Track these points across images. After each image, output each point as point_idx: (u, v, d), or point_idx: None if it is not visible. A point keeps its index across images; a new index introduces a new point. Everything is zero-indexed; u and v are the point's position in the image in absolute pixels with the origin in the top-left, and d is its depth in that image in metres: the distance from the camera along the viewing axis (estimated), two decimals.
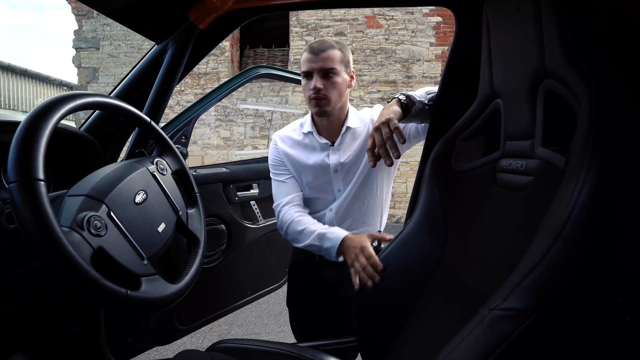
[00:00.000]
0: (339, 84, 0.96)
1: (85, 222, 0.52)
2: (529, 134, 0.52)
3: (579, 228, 0.29)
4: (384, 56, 5.39)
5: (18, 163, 0.46)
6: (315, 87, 0.94)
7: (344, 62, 0.98)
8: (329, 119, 1.00)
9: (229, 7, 0.82)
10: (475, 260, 0.59)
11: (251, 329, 2.20)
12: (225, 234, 1.35)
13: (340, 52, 0.97)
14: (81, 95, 0.59)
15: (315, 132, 1.04)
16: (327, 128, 1.03)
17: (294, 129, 1.09)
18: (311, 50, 0.95)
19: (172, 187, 0.74)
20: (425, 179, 0.76)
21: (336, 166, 1.02)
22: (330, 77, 0.95)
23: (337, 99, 0.97)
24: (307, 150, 1.05)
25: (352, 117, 1.03)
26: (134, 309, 0.55)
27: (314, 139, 1.03)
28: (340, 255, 0.92)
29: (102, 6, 0.84)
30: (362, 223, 1.06)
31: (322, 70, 0.94)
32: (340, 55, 0.96)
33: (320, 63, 0.94)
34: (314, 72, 0.95)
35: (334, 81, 0.95)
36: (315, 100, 0.95)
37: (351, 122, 1.02)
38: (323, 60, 0.94)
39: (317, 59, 0.94)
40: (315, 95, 0.95)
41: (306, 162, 1.04)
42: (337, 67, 0.95)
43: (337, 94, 0.97)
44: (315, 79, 0.94)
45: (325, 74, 0.95)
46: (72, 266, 0.46)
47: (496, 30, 0.61)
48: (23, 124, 0.49)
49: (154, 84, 0.91)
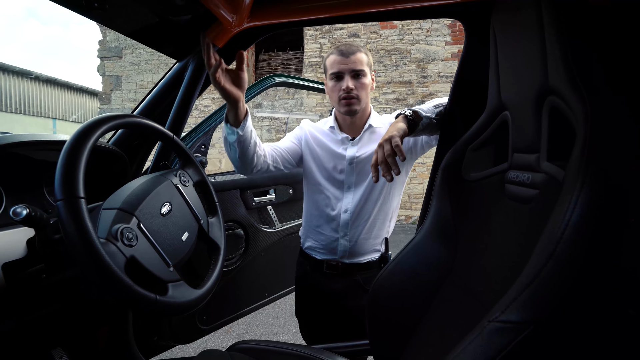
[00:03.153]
0: (366, 84, 1.02)
1: (119, 234, 0.57)
2: (536, 148, 0.53)
3: (571, 248, 0.31)
4: (399, 56, 5.36)
5: (63, 183, 0.51)
6: (347, 87, 0.99)
7: (369, 65, 1.04)
8: (352, 118, 1.06)
9: (244, 26, 0.86)
10: (483, 270, 0.60)
11: (269, 329, 2.25)
12: (243, 238, 1.40)
13: (365, 55, 1.03)
14: (114, 117, 0.64)
15: (337, 128, 1.10)
16: (350, 125, 1.08)
17: (322, 122, 1.16)
18: (341, 53, 1.01)
19: (193, 198, 0.79)
20: (436, 187, 0.78)
21: (352, 158, 1.06)
22: (359, 78, 1.01)
23: (365, 98, 1.04)
24: (328, 138, 1.11)
25: (375, 117, 1.09)
26: (161, 313, 0.59)
27: (337, 133, 1.09)
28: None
29: (124, 28, 0.89)
30: (374, 227, 1.07)
31: (352, 71, 1.00)
32: (366, 59, 1.03)
33: (351, 65, 1.00)
34: (345, 73, 1.00)
35: (362, 82, 1.01)
36: (346, 100, 1.00)
37: (373, 121, 1.07)
38: (353, 62, 1.00)
39: (347, 61, 1.00)
40: (346, 95, 1.00)
41: (326, 145, 1.09)
42: (365, 69, 1.01)
43: (365, 94, 1.03)
44: (346, 79, 1.00)
45: (356, 74, 1.00)
46: (109, 275, 0.51)
47: (503, 44, 0.62)
48: (66, 147, 0.54)
49: (175, 100, 0.96)
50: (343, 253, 1.07)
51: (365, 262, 1.08)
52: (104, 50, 6.59)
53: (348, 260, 1.07)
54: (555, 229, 0.33)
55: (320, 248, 1.11)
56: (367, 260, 1.08)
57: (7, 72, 10.01)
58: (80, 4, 0.72)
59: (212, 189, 0.86)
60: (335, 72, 1.01)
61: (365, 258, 1.08)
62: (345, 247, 1.07)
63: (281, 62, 6.35)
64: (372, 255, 1.08)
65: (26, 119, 10.52)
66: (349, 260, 1.07)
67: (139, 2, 0.76)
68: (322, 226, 1.09)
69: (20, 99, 10.34)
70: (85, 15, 0.78)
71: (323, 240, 1.09)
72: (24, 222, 0.57)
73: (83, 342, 0.97)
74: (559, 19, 0.46)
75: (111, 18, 0.81)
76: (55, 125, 11.37)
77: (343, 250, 1.07)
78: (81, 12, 0.76)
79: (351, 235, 1.06)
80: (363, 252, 1.08)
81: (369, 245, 1.08)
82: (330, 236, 1.08)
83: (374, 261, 1.08)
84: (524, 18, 0.54)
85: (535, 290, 0.32)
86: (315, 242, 1.12)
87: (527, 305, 0.32)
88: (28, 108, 10.53)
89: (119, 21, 0.84)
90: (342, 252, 1.07)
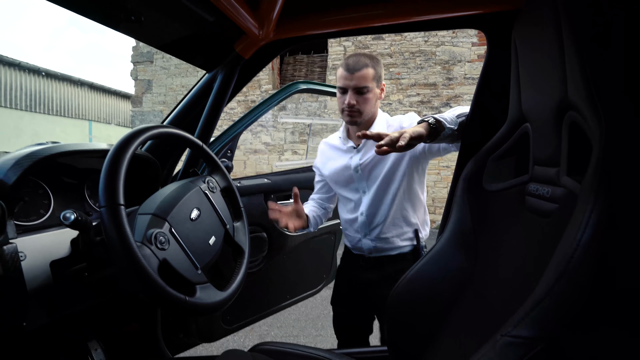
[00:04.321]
0: (369, 99, 1.07)
1: (153, 238, 0.62)
2: (556, 161, 0.53)
3: (581, 267, 0.32)
4: (424, 58, 5.29)
5: (106, 191, 0.57)
6: (349, 103, 1.06)
7: (376, 79, 1.07)
8: (357, 126, 1.12)
9: (270, 38, 0.90)
10: (502, 281, 0.60)
11: (289, 331, 2.29)
12: (266, 242, 1.44)
13: (373, 69, 1.06)
14: (149, 128, 0.69)
15: (345, 136, 1.17)
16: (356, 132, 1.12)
17: (336, 135, 1.24)
18: (347, 68, 1.05)
19: (220, 203, 0.83)
20: (456, 196, 0.78)
21: (356, 167, 1.12)
22: (363, 93, 1.06)
23: (368, 111, 1.09)
24: (338, 152, 1.19)
25: (379, 123, 1.12)
26: (190, 313, 0.63)
27: (344, 144, 1.17)
28: None
29: (156, 41, 0.94)
30: (394, 225, 1.12)
31: (355, 88, 1.05)
32: (372, 73, 1.06)
33: (355, 81, 1.04)
34: (349, 89, 1.06)
35: (366, 97, 1.06)
36: (348, 113, 1.08)
37: (376, 127, 1.11)
38: (357, 79, 1.04)
39: (352, 77, 1.05)
40: (348, 109, 1.07)
41: (334, 162, 1.19)
42: (369, 84, 1.06)
43: (368, 108, 1.08)
44: (349, 95, 1.06)
45: (359, 91, 1.05)
46: (145, 276, 0.56)
47: (523, 56, 0.62)
48: (108, 159, 0.59)
49: (203, 109, 1.01)
50: (369, 250, 1.15)
51: (394, 255, 1.14)
52: (137, 55, 6.90)
53: (376, 254, 1.15)
54: (567, 248, 0.33)
55: (351, 246, 1.21)
56: (397, 253, 1.14)
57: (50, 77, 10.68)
58: (118, 19, 0.78)
59: (237, 195, 0.90)
60: (341, 87, 1.08)
61: (393, 252, 1.14)
62: (369, 245, 1.14)
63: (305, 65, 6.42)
64: (401, 249, 1.14)
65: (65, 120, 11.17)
66: (377, 254, 1.15)
67: (172, 18, 0.82)
68: (347, 228, 1.20)
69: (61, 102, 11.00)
70: (121, 30, 0.84)
71: (351, 240, 1.20)
72: (71, 225, 0.63)
73: (116, 336, 1.04)
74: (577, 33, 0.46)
75: (145, 32, 0.87)
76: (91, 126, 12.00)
77: (368, 248, 1.15)
78: (117, 28, 0.82)
79: (372, 235, 1.13)
80: (388, 247, 1.14)
81: (393, 241, 1.13)
82: (354, 237, 1.17)
83: (405, 253, 1.14)
84: (544, 31, 0.54)
85: (546, 308, 0.33)
86: (347, 241, 1.23)
87: (538, 322, 0.33)
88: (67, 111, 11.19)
89: (152, 35, 0.89)
90: (367, 250, 1.15)
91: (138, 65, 6.90)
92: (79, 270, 0.74)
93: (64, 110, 11.10)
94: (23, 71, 10.05)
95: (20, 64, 9.90)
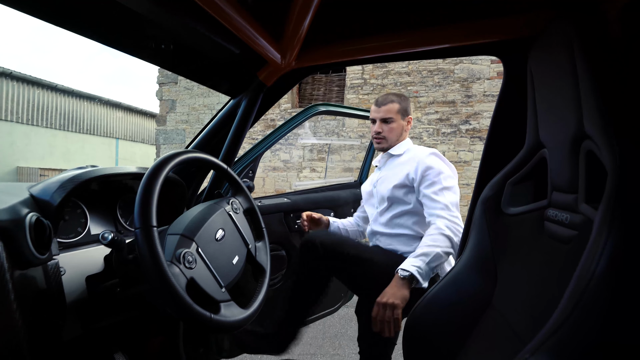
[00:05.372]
0: (394, 128, 1.30)
1: (182, 257, 0.65)
2: (574, 188, 0.53)
3: (596, 298, 0.33)
4: (442, 76, 5.30)
5: (140, 214, 0.61)
6: (376, 131, 1.31)
7: (401, 112, 1.30)
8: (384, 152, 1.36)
9: (292, 67, 0.95)
10: (522, 305, 0.60)
11: (307, 349, 2.26)
12: (285, 260, 1.47)
13: (398, 104, 1.30)
14: (180, 153, 0.74)
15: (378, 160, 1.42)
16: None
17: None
18: (376, 103, 1.32)
19: (243, 224, 0.87)
20: (475, 219, 0.79)
21: (374, 182, 1.35)
22: (388, 123, 1.30)
23: (394, 139, 1.32)
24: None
25: (399, 147, 1.32)
26: (214, 330, 0.66)
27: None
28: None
29: (183, 71, 1.00)
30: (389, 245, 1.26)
31: (382, 119, 1.30)
32: (397, 107, 1.29)
33: (382, 114, 1.30)
34: (377, 119, 1.31)
35: (390, 127, 1.30)
36: (376, 139, 1.32)
37: (395, 150, 1.32)
38: (384, 112, 1.30)
39: (379, 110, 1.30)
40: (376, 136, 1.32)
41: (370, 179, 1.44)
42: (393, 116, 1.29)
43: (394, 136, 1.31)
44: (377, 124, 1.31)
45: (385, 121, 1.30)
46: (174, 294, 0.59)
47: (539, 84, 0.64)
48: (143, 183, 0.64)
49: (227, 133, 1.06)
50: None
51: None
52: (162, 77, 7.23)
53: None
54: (582, 278, 0.34)
55: None
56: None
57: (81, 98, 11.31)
58: (147, 50, 0.83)
59: (259, 216, 0.93)
60: (371, 118, 1.33)
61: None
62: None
63: (324, 84, 6.54)
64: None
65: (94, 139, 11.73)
66: None
67: (199, 50, 0.87)
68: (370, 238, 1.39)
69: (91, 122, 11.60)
70: (150, 61, 0.90)
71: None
72: (108, 245, 0.67)
73: (140, 349, 1.07)
74: (592, 66, 0.48)
75: (173, 63, 0.93)
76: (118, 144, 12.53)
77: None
78: (146, 59, 0.88)
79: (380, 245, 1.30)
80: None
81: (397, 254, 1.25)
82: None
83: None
84: (559, 62, 0.55)
85: (562, 337, 0.34)
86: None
87: (555, 349, 0.34)
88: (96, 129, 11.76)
89: (179, 65, 0.96)
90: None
91: (163, 87, 7.22)
92: (111, 285, 0.78)
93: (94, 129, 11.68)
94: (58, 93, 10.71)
95: (57, 87, 10.56)
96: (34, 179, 9.19)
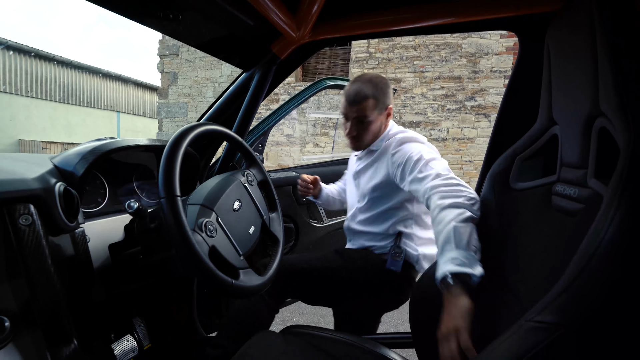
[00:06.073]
0: (371, 127, 1.08)
1: (203, 226, 0.69)
2: (584, 164, 0.55)
3: (603, 263, 0.35)
4: (449, 51, 5.19)
5: (165, 184, 0.63)
6: (349, 133, 1.10)
7: (378, 106, 1.07)
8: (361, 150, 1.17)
9: (306, 39, 0.94)
10: (526, 273, 0.64)
11: (311, 318, 2.37)
12: (294, 232, 1.51)
13: (374, 99, 1.05)
14: (198, 125, 0.76)
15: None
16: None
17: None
18: (347, 99, 1.07)
19: (258, 196, 0.90)
20: (483, 193, 0.81)
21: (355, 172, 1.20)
22: (363, 123, 1.07)
23: (370, 138, 1.11)
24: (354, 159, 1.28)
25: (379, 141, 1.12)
26: (235, 295, 0.70)
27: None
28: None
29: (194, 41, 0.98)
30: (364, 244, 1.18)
31: (356, 118, 1.07)
32: (373, 103, 1.05)
33: (355, 113, 1.06)
34: (349, 119, 1.08)
35: (366, 127, 1.08)
36: (349, 140, 1.12)
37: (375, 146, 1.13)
38: (357, 110, 1.06)
39: (352, 109, 1.06)
40: (349, 137, 1.11)
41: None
42: (369, 114, 1.06)
43: (370, 134, 1.10)
44: (350, 125, 1.09)
45: (360, 121, 1.07)
46: (198, 260, 0.62)
47: (556, 61, 0.64)
48: (165, 154, 0.66)
49: (240, 106, 1.07)
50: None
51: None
52: (163, 48, 7.08)
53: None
54: (590, 245, 0.37)
55: None
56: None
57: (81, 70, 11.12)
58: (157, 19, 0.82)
59: (272, 188, 0.96)
60: (343, 114, 1.10)
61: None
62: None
63: (328, 58, 6.41)
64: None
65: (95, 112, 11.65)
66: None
67: (212, 20, 0.86)
68: None
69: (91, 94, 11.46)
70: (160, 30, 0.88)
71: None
72: (134, 213, 0.70)
73: (157, 315, 1.13)
74: (612, 44, 0.48)
75: (185, 33, 0.92)
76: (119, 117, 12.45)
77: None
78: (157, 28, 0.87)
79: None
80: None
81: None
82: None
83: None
84: (578, 39, 0.56)
85: (569, 298, 0.37)
86: None
87: (561, 309, 0.37)
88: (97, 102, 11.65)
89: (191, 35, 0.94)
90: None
91: (164, 59, 7.08)
92: (134, 253, 0.82)
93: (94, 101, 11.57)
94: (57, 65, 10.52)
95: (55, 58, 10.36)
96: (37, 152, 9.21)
